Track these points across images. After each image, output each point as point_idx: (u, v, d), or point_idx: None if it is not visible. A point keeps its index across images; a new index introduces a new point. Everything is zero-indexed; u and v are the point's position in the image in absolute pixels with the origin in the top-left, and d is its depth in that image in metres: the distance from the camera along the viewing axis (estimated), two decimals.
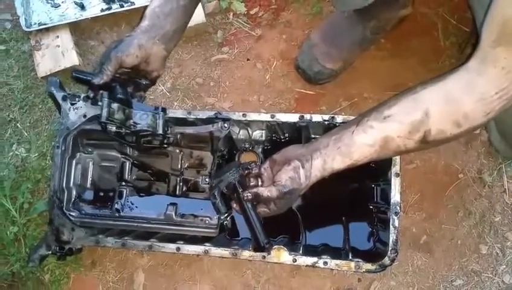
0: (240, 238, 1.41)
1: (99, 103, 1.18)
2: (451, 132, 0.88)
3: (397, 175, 1.21)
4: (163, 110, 1.28)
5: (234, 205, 1.13)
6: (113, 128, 1.19)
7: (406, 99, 0.91)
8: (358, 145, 0.95)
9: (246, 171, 1.13)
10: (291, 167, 1.02)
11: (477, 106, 0.85)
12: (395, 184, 1.21)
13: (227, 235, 1.40)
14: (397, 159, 1.22)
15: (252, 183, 1.10)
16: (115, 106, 1.17)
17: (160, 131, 1.26)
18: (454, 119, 0.86)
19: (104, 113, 1.16)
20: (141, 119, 1.23)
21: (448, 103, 0.87)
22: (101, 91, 1.18)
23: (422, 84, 0.90)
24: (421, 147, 0.92)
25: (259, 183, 1.10)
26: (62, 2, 1.76)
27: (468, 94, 0.85)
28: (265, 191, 1.04)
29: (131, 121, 1.21)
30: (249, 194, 1.07)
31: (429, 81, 0.90)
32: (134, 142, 1.30)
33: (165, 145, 1.35)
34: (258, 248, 1.12)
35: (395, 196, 1.20)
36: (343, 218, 1.39)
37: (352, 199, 1.42)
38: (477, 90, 0.84)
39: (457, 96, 0.86)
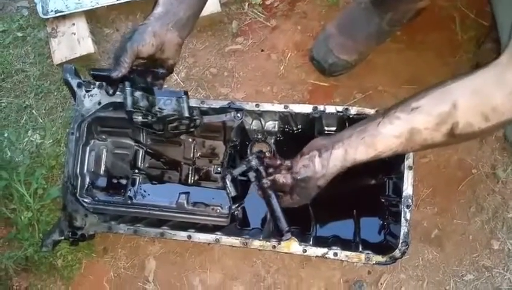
0: (250, 228, 1.41)
1: (122, 93, 1.16)
2: (479, 126, 0.87)
3: (410, 168, 1.20)
4: (186, 93, 1.26)
5: (259, 193, 1.16)
6: (139, 118, 1.17)
7: (435, 92, 0.89)
8: (384, 136, 0.93)
9: (278, 162, 1.15)
10: (308, 156, 1.04)
11: (506, 100, 0.83)
12: (408, 177, 1.20)
13: (237, 225, 1.41)
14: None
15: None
16: (138, 94, 1.16)
17: (186, 114, 1.24)
18: (483, 112, 0.85)
19: (129, 101, 1.14)
20: (165, 104, 1.21)
21: (477, 96, 0.86)
22: (121, 83, 1.17)
23: (451, 78, 0.89)
24: (448, 141, 0.91)
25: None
26: None
27: (498, 88, 0.84)
28: (280, 178, 1.09)
29: (157, 107, 1.20)
30: (268, 181, 1.11)
31: (458, 75, 0.89)
32: (162, 130, 1.27)
33: (192, 129, 1.32)
34: (278, 235, 1.16)
35: (408, 189, 1.20)
36: (354, 210, 1.38)
37: (364, 192, 1.41)
38: (507, 84, 0.83)
39: (487, 90, 0.85)
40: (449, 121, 0.87)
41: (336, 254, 1.20)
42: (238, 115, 1.32)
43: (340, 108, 1.27)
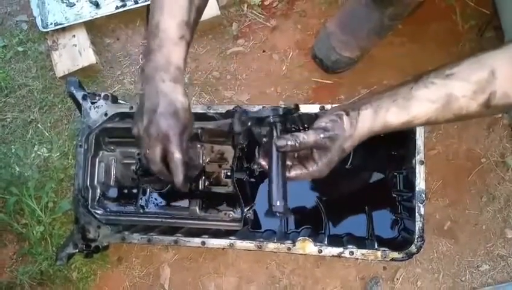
0: (262, 230, 1.41)
1: None
2: None
3: (422, 163, 1.20)
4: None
5: (261, 161, 0.97)
6: None
7: (469, 61, 0.83)
8: (419, 99, 0.84)
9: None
10: (334, 114, 0.90)
11: None
12: (420, 172, 1.20)
13: (249, 228, 1.41)
14: (421, 146, 1.21)
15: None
16: None
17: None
18: None
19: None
20: None
21: None
22: None
23: (482, 50, 0.84)
24: (481, 112, 0.84)
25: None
26: (77, 1, 1.75)
27: None
28: (301, 135, 0.89)
29: None
30: (283, 141, 0.89)
31: (490, 48, 0.83)
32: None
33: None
34: (268, 210, 0.93)
35: (420, 184, 1.19)
36: (366, 207, 1.38)
37: (375, 188, 1.42)
38: None
39: None
40: (487, 90, 0.81)
41: (352, 253, 1.20)
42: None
43: None
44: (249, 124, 1.01)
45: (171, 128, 0.95)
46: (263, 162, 0.96)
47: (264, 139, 1.00)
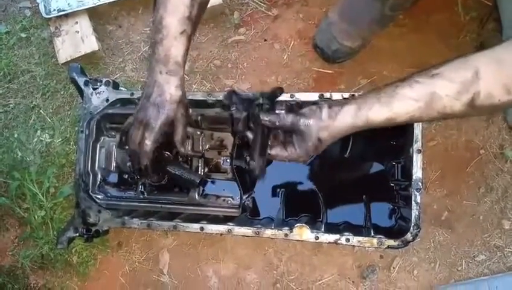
0: (260, 217, 1.43)
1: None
2: (500, 98, 0.84)
3: (419, 151, 1.21)
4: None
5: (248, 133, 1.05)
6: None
7: (456, 61, 0.86)
8: (402, 97, 0.88)
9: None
10: (318, 104, 0.96)
11: None
12: (417, 160, 1.20)
13: (248, 215, 1.42)
14: (419, 135, 1.21)
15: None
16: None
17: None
18: (505, 83, 0.82)
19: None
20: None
21: (500, 66, 0.83)
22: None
23: (471, 52, 0.86)
24: (466, 111, 0.86)
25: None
26: None
27: None
28: (282, 114, 0.98)
29: None
30: (267, 117, 0.99)
31: (479, 50, 0.86)
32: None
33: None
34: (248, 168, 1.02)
35: (417, 172, 1.20)
36: (364, 196, 1.39)
37: (373, 177, 1.42)
38: None
39: (510, 61, 0.82)
40: (471, 90, 0.83)
41: (348, 240, 1.21)
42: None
43: (346, 94, 1.27)
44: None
45: (153, 118, 1.04)
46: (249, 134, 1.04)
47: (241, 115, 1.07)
